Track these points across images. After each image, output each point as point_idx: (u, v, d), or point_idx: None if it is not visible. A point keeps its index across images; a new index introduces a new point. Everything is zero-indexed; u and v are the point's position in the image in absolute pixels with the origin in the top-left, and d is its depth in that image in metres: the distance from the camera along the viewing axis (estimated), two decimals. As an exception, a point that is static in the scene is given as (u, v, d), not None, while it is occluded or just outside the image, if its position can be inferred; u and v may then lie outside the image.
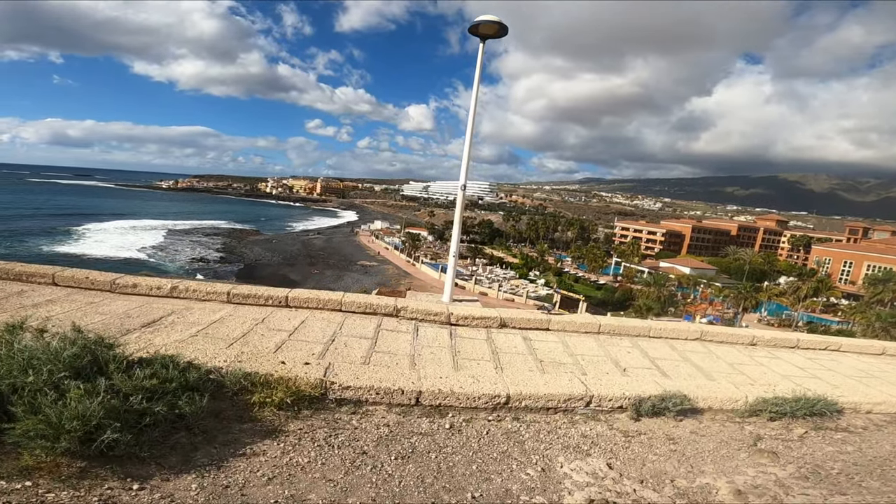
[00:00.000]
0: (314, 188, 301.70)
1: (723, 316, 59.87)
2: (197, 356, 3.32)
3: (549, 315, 5.68)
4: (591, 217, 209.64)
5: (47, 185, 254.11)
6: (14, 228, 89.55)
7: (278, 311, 5.11)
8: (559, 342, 5.31)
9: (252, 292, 5.14)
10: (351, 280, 70.48)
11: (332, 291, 5.47)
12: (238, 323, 4.64)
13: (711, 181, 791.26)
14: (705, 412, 3.91)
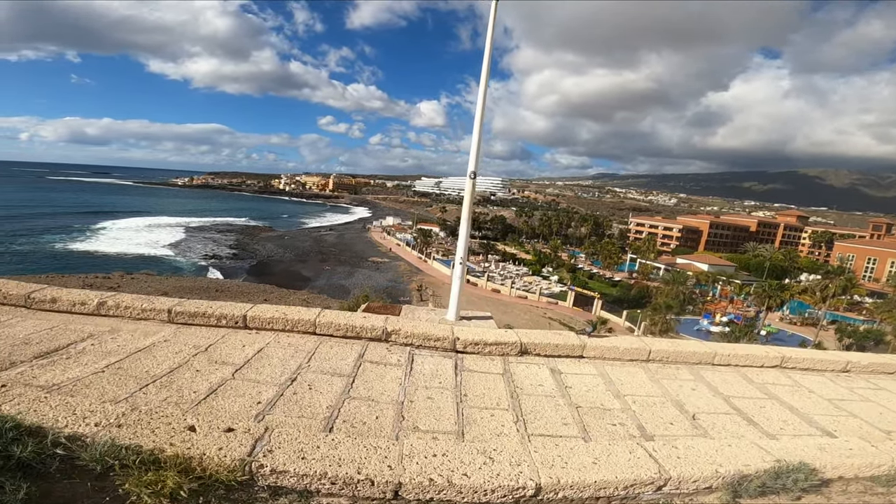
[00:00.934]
0: (327, 184, 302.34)
1: (744, 315, 57.80)
2: (57, 416, 2.16)
3: (583, 338, 4.44)
4: (605, 213, 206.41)
5: (66, 183, 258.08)
6: (32, 226, 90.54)
7: (233, 334, 3.95)
8: (598, 376, 4.07)
9: (201, 309, 3.98)
10: (362, 276, 69.74)
11: (305, 308, 4.29)
12: (171, 352, 3.49)
13: (728, 176, 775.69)
14: (833, 483, 2.66)
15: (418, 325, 4.13)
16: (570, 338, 4.40)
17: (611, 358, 4.40)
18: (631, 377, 4.13)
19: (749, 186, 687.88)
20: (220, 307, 4.02)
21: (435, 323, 4.42)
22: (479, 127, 5.00)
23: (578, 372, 4.11)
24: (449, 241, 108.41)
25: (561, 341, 4.30)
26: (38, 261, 63.22)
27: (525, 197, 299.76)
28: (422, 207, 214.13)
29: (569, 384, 3.86)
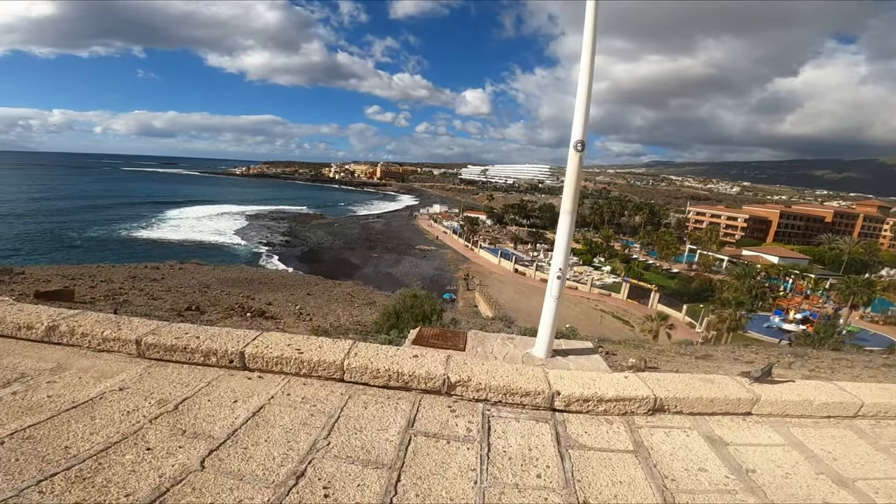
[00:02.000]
0: (375, 173, 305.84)
1: (820, 312, 52.76)
2: None
3: (752, 386, 2.91)
4: (660, 201, 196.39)
5: (138, 174, 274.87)
6: (107, 216, 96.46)
7: (224, 378, 2.69)
8: (789, 446, 2.54)
9: (181, 342, 2.74)
10: (409, 264, 69.32)
11: (329, 341, 2.96)
12: (121, 411, 2.26)
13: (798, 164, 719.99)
14: None
15: (495, 370, 2.73)
16: (728, 387, 2.87)
17: (797, 415, 2.83)
18: (843, 446, 2.57)
19: (821, 175, 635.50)
20: (210, 338, 2.77)
21: (517, 362, 3.00)
22: (587, 77, 3.51)
23: (753, 441, 2.59)
24: (496, 230, 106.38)
25: (716, 393, 2.78)
26: (105, 248, 67.00)
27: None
28: (468, 195, 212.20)
29: (747, 464, 2.36)
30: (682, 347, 14.89)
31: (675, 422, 2.79)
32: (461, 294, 56.15)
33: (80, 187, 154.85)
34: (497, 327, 14.66)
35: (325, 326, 9.05)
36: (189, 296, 11.05)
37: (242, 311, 9.70)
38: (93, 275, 13.15)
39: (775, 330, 46.38)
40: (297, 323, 9.60)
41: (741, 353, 13.21)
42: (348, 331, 8.14)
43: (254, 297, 12.65)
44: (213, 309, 9.76)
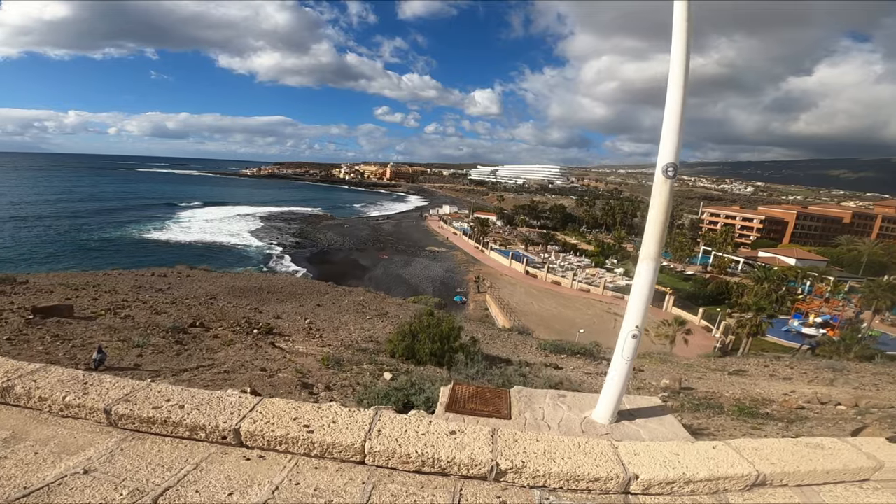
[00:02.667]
0: (384, 173, 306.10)
1: (841, 315, 51.33)
2: None
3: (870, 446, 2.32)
4: (673, 202, 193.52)
5: (151, 175, 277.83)
6: (122, 218, 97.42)
7: (219, 457, 2.15)
8: None
9: (163, 414, 2.19)
10: (419, 266, 68.87)
11: (347, 412, 2.36)
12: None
13: (814, 164, 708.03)
14: None
15: (554, 450, 2.15)
16: (842, 453, 2.27)
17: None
18: None
19: (837, 175, 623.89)
20: (197, 408, 2.22)
21: (576, 432, 2.42)
22: (680, 88, 2.93)
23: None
24: (506, 231, 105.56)
25: (831, 464, 2.20)
26: (119, 250, 67.49)
27: (584, 185, 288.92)
28: (478, 196, 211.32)
29: None
30: (712, 361, 14.23)
31: (779, 496, 2.21)
32: (472, 297, 55.55)
33: (97, 189, 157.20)
34: (514, 341, 14.13)
35: (337, 346, 8.57)
36: (194, 309, 10.60)
37: (249, 328, 9.20)
38: (98, 284, 12.78)
39: (794, 334, 45.15)
40: (307, 340, 9.11)
41: (775, 368, 12.52)
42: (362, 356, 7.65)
43: (262, 309, 12.17)
44: (218, 325, 9.29)
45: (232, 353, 5.81)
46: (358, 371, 5.68)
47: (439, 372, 7.20)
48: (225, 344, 6.33)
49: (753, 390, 9.04)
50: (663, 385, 8.47)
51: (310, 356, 6.54)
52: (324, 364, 5.54)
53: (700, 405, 7.26)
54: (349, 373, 5.41)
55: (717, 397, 7.95)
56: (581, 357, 11.30)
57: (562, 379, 8.54)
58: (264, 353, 6.00)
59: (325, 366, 5.56)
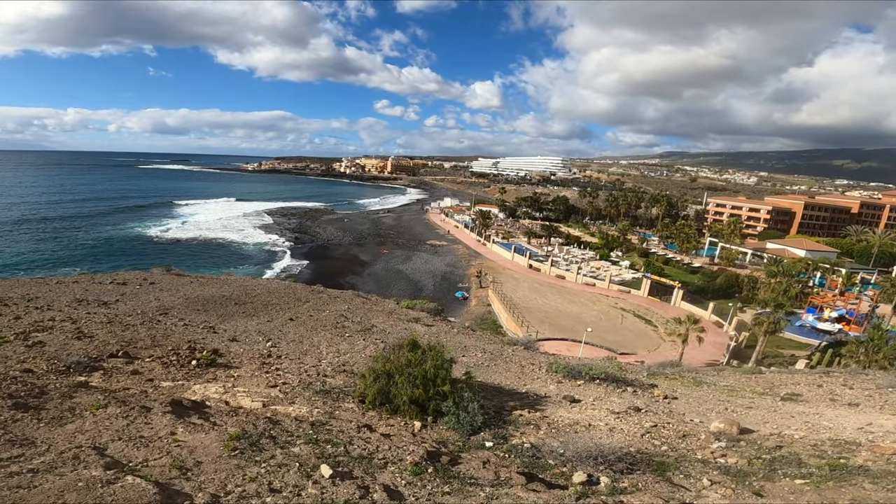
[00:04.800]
0: (385, 167, 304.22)
1: (856, 309, 49.35)
2: None
3: None
4: (676, 192, 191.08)
5: (152, 171, 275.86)
6: (118, 216, 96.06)
7: None
8: None
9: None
10: (420, 261, 67.25)
11: None
12: None
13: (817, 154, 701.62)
14: None
15: None
16: None
17: None
18: None
19: (841, 164, 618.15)
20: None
21: None
22: None
23: None
24: (508, 223, 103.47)
25: None
26: (112, 248, 66.10)
27: (587, 177, 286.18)
28: (480, 188, 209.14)
29: None
30: (753, 379, 12.39)
31: None
32: (473, 292, 53.77)
33: (98, 186, 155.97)
34: (520, 360, 12.24)
35: (293, 386, 6.74)
36: (131, 329, 8.80)
37: (189, 357, 7.39)
38: (37, 296, 11.02)
39: (809, 330, 43.24)
40: (257, 375, 7.30)
41: (831, 388, 10.66)
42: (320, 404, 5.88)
43: (219, 327, 10.32)
44: (149, 353, 7.50)
45: (87, 426, 3.98)
46: (283, 459, 3.80)
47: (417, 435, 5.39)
48: (96, 406, 4.50)
49: (821, 424, 7.23)
50: (715, 430, 6.66)
51: (233, 416, 4.71)
52: (228, 446, 3.70)
53: (776, 461, 5.47)
54: (266, 465, 3.51)
55: (788, 443, 6.15)
56: (601, 384, 9.45)
57: (584, 424, 6.74)
58: (144, 422, 4.15)
59: (231, 450, 3.70)
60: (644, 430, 6.98)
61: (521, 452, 5.53)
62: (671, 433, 6.96)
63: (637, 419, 7.29)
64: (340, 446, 4.31)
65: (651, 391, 9.55)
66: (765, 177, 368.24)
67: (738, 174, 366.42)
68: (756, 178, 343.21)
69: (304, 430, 4.50)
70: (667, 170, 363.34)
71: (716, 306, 46.06)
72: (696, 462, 5.80)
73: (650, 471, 5.44)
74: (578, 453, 5.37)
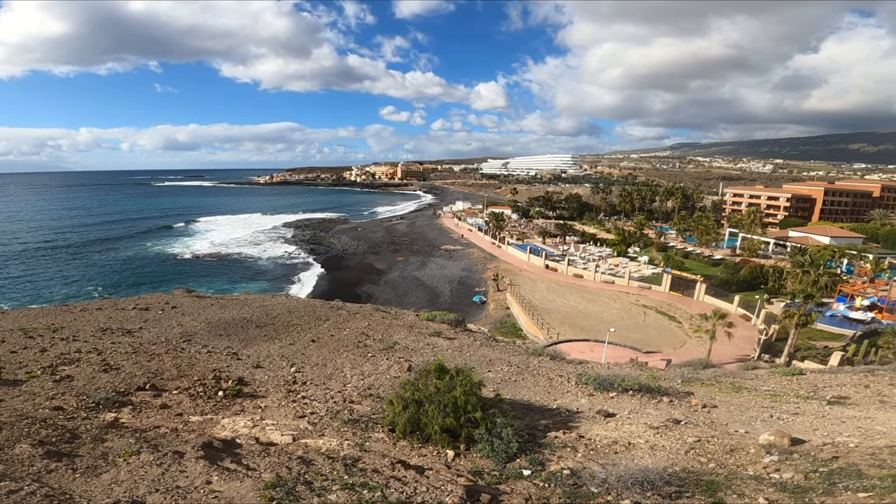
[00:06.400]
0: (395, 173, 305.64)
1: (888, 297, 47.84)
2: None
3: None
4: (690, 184, 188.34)
5: (166, 188, 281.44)
6: (141, 233, 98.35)
7: None
8: None
9: None
10: (436, 266, 67.14)
11: None
12: None
13: (832, 139, 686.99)
14: None
15: None
16: None
17: None
18: None
19: (857, 148, 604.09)
20: None
21: None
22: None
23: None
24: (522, 224, 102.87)
25: None
26: (136, 267, 67.48)
27: (598, 172, 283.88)
28: (491, 189, 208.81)
29: None
30: (794, 381, 11.88)
31: None
32: (491, 296, 53.41)
33: (119, 206, 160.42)
34: (547, 372, 11.90)
35: (321, 416, 6.57)
36: (157, 359, 8.75)
37: (215, 388, 7.28)
38: (62, 326, 11.09)
39: (841, 319, 41.93)
40: (284, 405, 7.15)
41: (881, 389, 10.12)
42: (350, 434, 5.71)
43: (242, 353, 10.24)
44: (176, 384, 7.42)
45: (123, 476, 3.84)
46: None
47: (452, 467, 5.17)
48: (129, 452, 4.37)
49: (875, 430, 6.82)
50: (765, 442, 6.30)
51: (265, 457, 4.54)
52: (265, 497, 3.53)
53: (834, 474, 5.12)
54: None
55: (844, 453, 5.78)
56: (635, 394, 9.11)
57: (623, 443, 6.43)
58: (179, 470, 3.98)
59: (268, 500, 3.54)
60: (688, 447, 6.61)
61: (561, 481, 5.24)
62: (717, 448, 6.59)
63: (678, 433, 6.95)
64: (377, 490, 4.11)
65: (688, 400, 9.15)
66: (780, 164, 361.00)
67: (753, 162, 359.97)
68: (772, 166, 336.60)
69: (338, 472, 4.31)
70: (679, 161, 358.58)
71: (742, 299, 44.98)
72: (748, 479, 5.43)
73: (700, 492, 5.12)
74: (622, 478, 5.07)
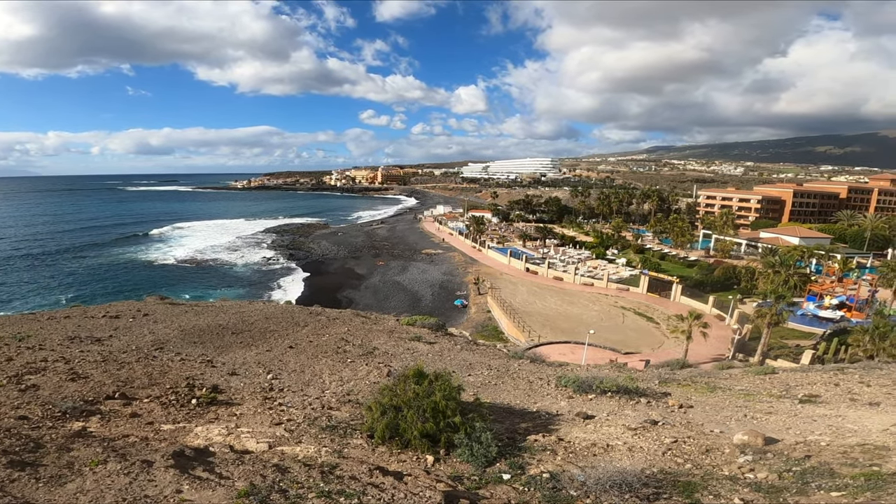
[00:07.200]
0: (375, 177, 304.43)
1: (856, 295, 49.49)
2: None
3: None
4: (666, 186, 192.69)
5: (138, 193, 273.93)
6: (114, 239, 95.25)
7: None
8: None
9: None
10: (417, 271, 66.99)
11: None
12: None
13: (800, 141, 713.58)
14: None
15: None
16: None
17: None
18: None
19: (824, 150, 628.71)
20: None
21: None
22: None
23: None
24: (503, 227, 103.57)
25: None
26: (108, 274, 65.48)
27: (577, 176, 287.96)
28: (471, 193, 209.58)
29: None
30: (767, 380, 12.17)
31: None
32: (472, 299, 53.49)
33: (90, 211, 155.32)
34: (527, 375, 11.96)
35: (299, 422, 6.44)
36: (126, 368, 8.46)
37: (188, 396, 7.07)
38: (29, 335, 10.67)
39: (811, 318, 43.22)
40: (260, 412, 6.99)
41: (851, 388, 10.44)
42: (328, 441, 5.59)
43: (217, 360, 9.99)
44: (147, 392, 7.19)
45: (88, 486, 3.66)
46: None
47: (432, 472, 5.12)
48: (95, 461, 4.17)
49: (846, 428, 7.02)
50: (739, 442, 6.42)
51: (239, 465, 4.38)
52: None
53: (807, 473, 5.23)
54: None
55: (816, 452, 5.92)
56: (613, 396, 9.20)
57: (602, 445, 6.48)
58: (148, 479, 3.81)
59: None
60: (665, 447, 6.71)
61: (540, 485, 5.24)
62: (693, 448, 6.68)
63: (655, 434, 7.09)
64: (354, 497, 4.01)
65: (665, 400, 9.29)
66: (751, 166, 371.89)
67: (725, 165, 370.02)
68: (743, 169, 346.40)
69: (314, 479, 4.20)
70: (655, 164, 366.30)
71: (716, 299, 46.03)
72: (724, 479, 5.52)
73: (677, 493, 5.17)
74: (600, 481, 5.10)
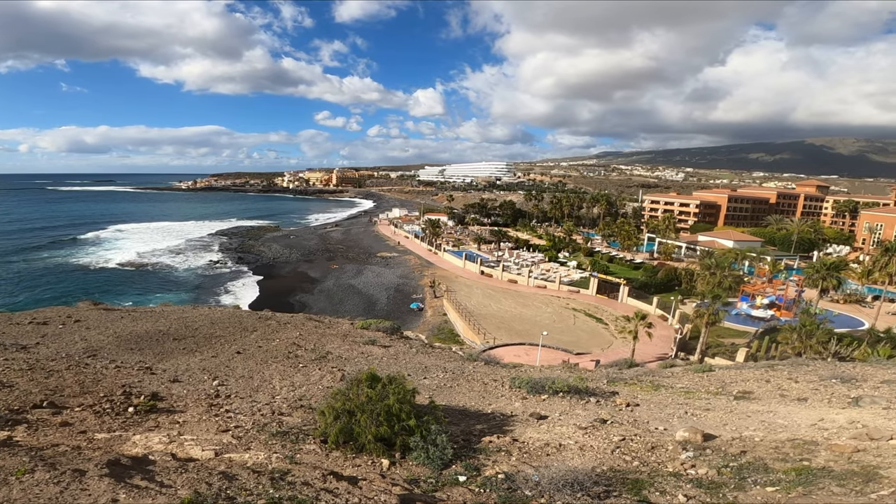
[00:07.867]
0: (330, 179, 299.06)
1: (784, 295, 53.24)
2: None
3: None
4: (614, 191, 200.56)
5: (68, 194, 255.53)
6: (42, 242, 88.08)
7: None
8: None
9: None
10: (372, 274, 66.25)
11: None
12: None
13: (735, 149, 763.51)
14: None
15: None
16: None
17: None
18: None
19: (757, 157, 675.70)
20: None
21: None
22: None
23: None
24: (458, 231, 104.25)
25: None
26: (36, 279, 60.56)
27: (531, 180, 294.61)
28: (427, 196, 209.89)
29: None
30: (706, 377, 12.88)
31: None
32: (428, 302, 53.48)
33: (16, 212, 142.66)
34: (482, 378, 12.07)
35: (247, 429, 6.18)
36: (56, 376, 7.81)
37: (124, 404, 6.58)
38: None
39: (745, 318, 46.11)
40: (205, 419, 6.64)
41: (780, 384, 11.22)
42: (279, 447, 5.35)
43: (157, 367, 9.42)
44: (77, 402, 6.65)
45: (15, 495, 3.31)
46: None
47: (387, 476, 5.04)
48: (21, 470, 3.78)
49: (777, 423, 7.50)
50: (681, 439, 6.73)
51: (182, 473, 4.12)
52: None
53: (743, 469, 5.54)
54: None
55: (750, 447, 6.29)
56: (565, 396, 9.44)
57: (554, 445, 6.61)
58: (80, 488, 3.49)
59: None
60: (614, 446, 7.00)
61: (496, 485, 5.30)
62: (640, 446, 6.97)
63: (605, 433, 7.40)
64: (307, 503, 3.87)
65: (613, 399, 9.66)
66: (691, 172, 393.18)
67: (668, 171, 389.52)
68: (683, 174, 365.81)
69: (264, 486, 4.01)
70: (604, 170, 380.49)
71: (659, 300, 48.18)
72: (668, 476, 5.81)
73: (626, 490, 5.36)
74: (553, 481, 5.22)
